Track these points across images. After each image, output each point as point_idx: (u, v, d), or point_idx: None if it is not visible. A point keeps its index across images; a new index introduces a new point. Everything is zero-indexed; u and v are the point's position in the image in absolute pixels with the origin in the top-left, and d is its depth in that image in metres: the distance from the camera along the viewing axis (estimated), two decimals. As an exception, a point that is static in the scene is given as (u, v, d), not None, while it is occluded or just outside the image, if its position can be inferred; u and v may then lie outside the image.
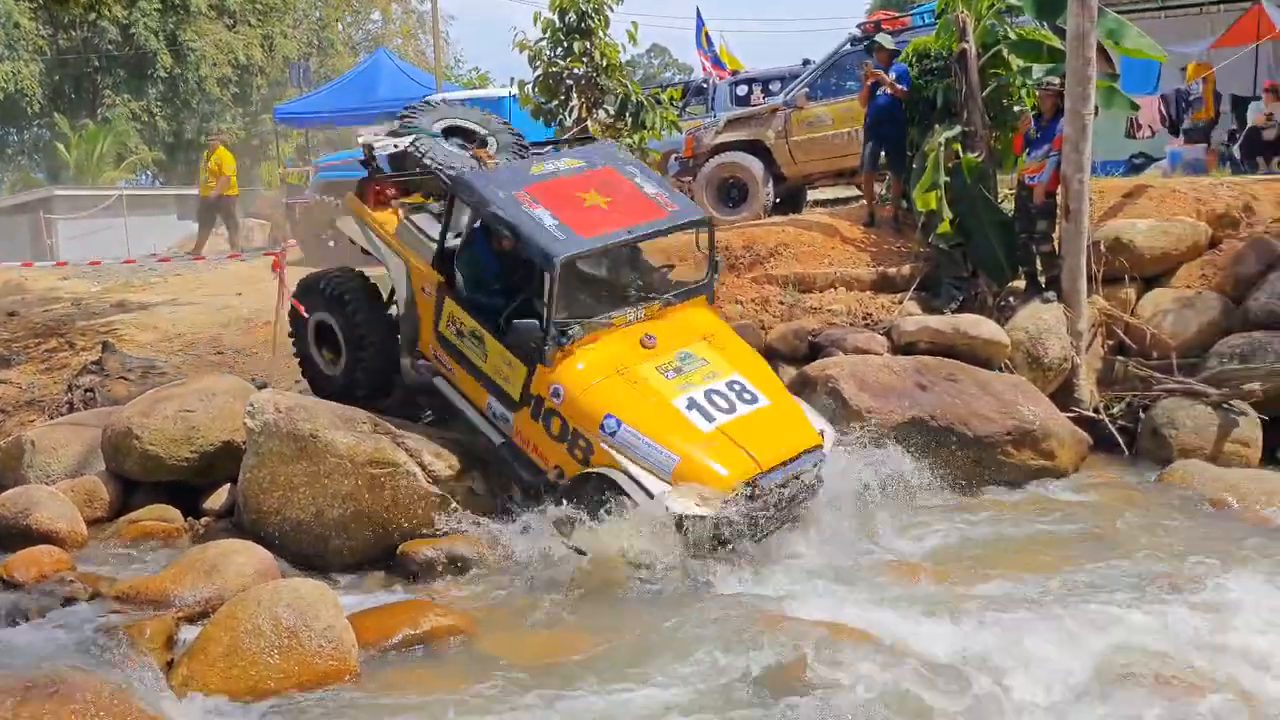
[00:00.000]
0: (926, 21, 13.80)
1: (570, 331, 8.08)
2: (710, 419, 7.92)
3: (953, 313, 11.29)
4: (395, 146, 9.45)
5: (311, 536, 8.35)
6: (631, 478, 7.63)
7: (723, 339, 8.82)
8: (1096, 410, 10.85)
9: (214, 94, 36.35)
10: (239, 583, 7.35)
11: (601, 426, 7.80)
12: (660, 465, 7.65)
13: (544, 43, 13.20)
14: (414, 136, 9.45)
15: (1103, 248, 11.64)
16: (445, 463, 8.50)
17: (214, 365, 11.36)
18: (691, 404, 7.99)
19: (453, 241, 8.96)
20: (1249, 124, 15.22)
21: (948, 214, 11.60)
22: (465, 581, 8.01)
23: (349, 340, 9.49)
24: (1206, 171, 14.44)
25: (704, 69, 21.62)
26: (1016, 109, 12.43)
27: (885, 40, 12.73)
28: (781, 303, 11.68)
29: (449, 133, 9.79)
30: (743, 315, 11.48)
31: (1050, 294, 11.22)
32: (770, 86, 17.89)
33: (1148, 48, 12.21)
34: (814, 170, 14.81)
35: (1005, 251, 11.63)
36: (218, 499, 9.16)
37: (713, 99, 19.37)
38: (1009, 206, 12.00)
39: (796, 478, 7.86)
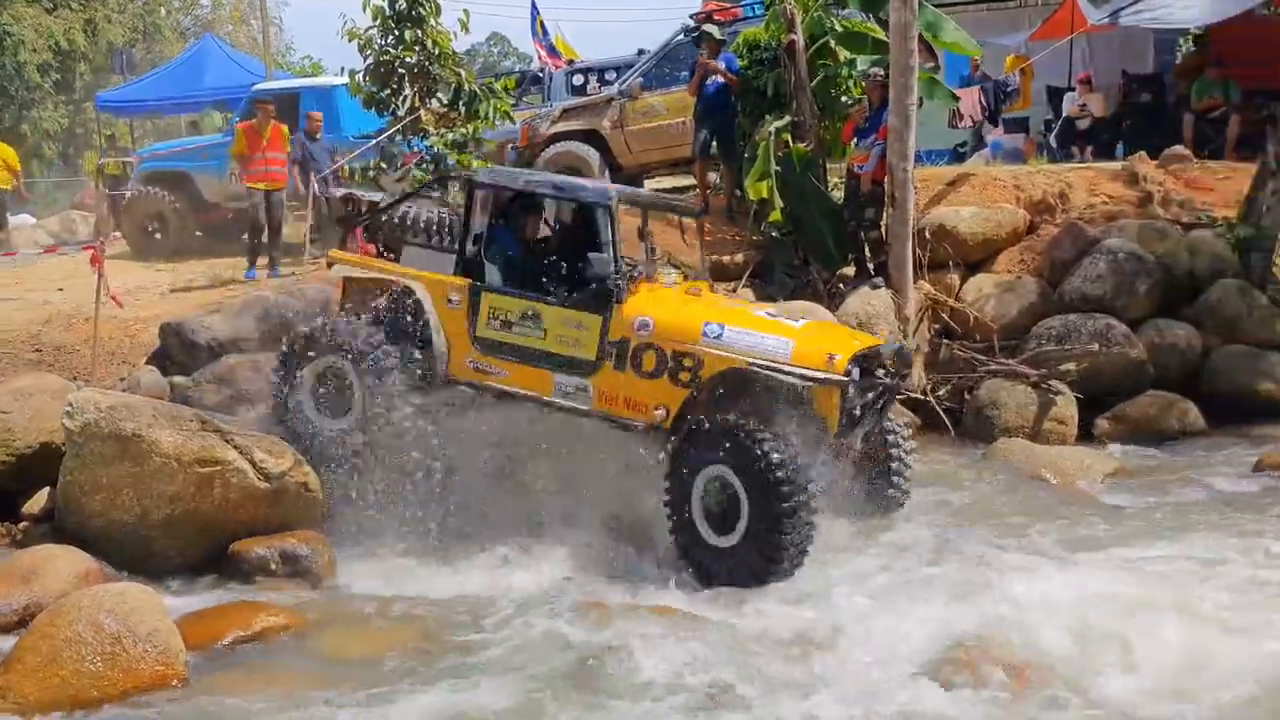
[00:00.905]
0: (757, 13, 14.05)
1: (637, 269, 8.09)
2: (795, 321, 7.99)
3: (785, 300, 11.50)
4: (362, 194, 9.50)
5: (138, 539, 8.06)
6: (760, 364, 7.42)
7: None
8: (924, 392, 11.18)
9: (34, 81, 34.83)
10: (59, 589, 7.06)
11: (704, 333, 7.56)
12: (775, 351, 7.46)
13: (374, 30, 12.98)
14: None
15: (928, 234, 12.03)
16: (277, 459, 8.32)
17: (31, 364, 10.90)
18: (770, 314, 8.07)
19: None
20: (1064, 114, 15.83)
21: (779, 203, 11.82)
22: (299, 579, 7.88)
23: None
24: (1025, 160, 15.00)
25: (540, 58, 21.56)
26: (845, 99, 12.72)
27: (713, 30, 12.90)
28: (617, 291, 11.73)
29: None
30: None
31: (879, 280, 11.52)
32: (606, 76, 17.90)
33: (964, 41, 12.64)
34: (649, 160, 14.92)
35: (835, 239, 11.92)
36: (36, 503, 8.75)
37: (549, 88, 19.31)
38: (839, 195, 12.29)
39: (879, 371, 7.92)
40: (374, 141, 13.21)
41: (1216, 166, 13.62)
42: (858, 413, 7.61)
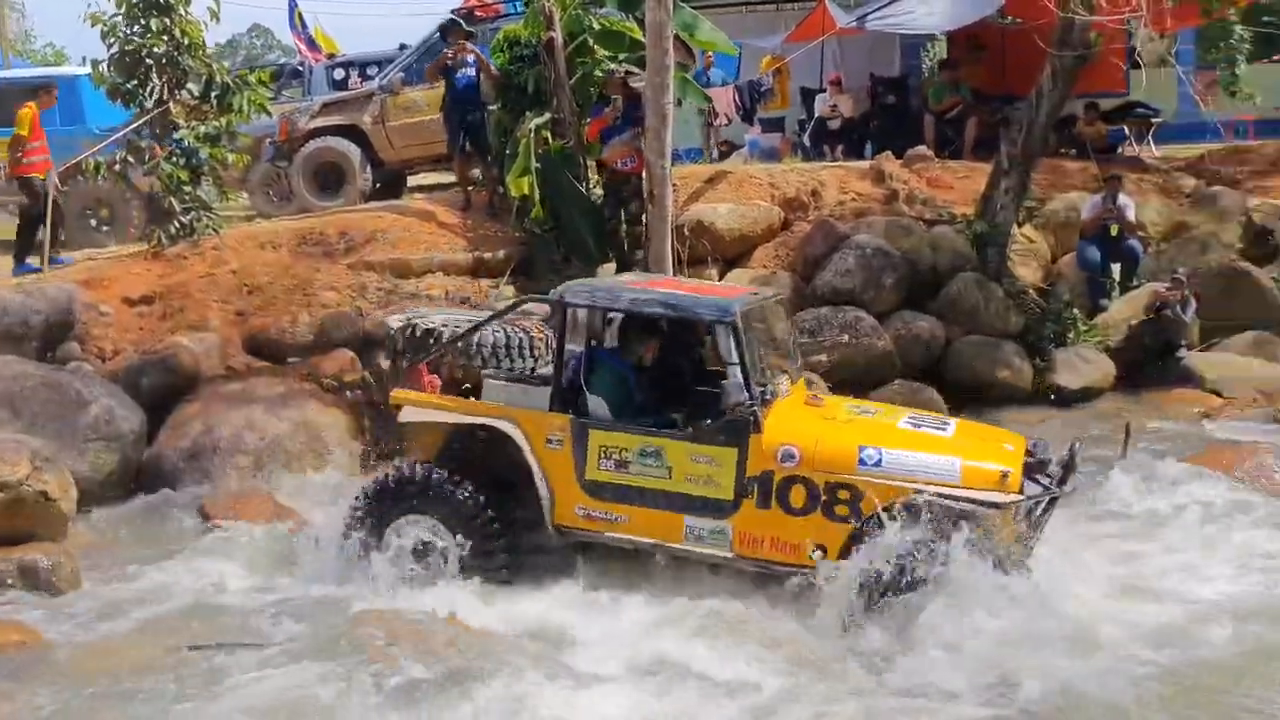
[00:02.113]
0: (518, 9, 14.06)
1: (769, 388, 7.15)
2: (942, 430, 7.30)
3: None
4: (423, 323, 8.11)
5: None
6: (935, 493, 6.64)
7: (854, 400, 8.35)
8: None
9: None
10: None
11: (861, 462, 6.78)
12: (943, 473, 6.76)
13: (119, 17, 12.42)
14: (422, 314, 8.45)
15: (687, 231, 12.28)
16: (11, 466, 7.92)
17: None
18: (914, 425, 7.29)
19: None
20: (817, 114, 16.41)
21: (540, 199, 11.86)
22: (40, 592, 7.55)
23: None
24: (780, 159, 15.47)
25: (299, 51, 21.07)
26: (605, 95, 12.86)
27: (461, 24, 12.90)
28: (379, 289, 11.60)
29: None
30: (339, 303, 11.33)
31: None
32: (368, 70, 17.64)
33: (720, 41, 12.96)
34: (412, 156, 14.79)
35: (594, 235, 12.05)
36: None
37: (309, 82, 18.92)
38: (600, 192, 12.42)
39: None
40: (119, 134, 12.66)
41: (956, 166, 14.36)
42: (1025, 528, 6.92)
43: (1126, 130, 16.08)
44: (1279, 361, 12.07)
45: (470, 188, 13.34)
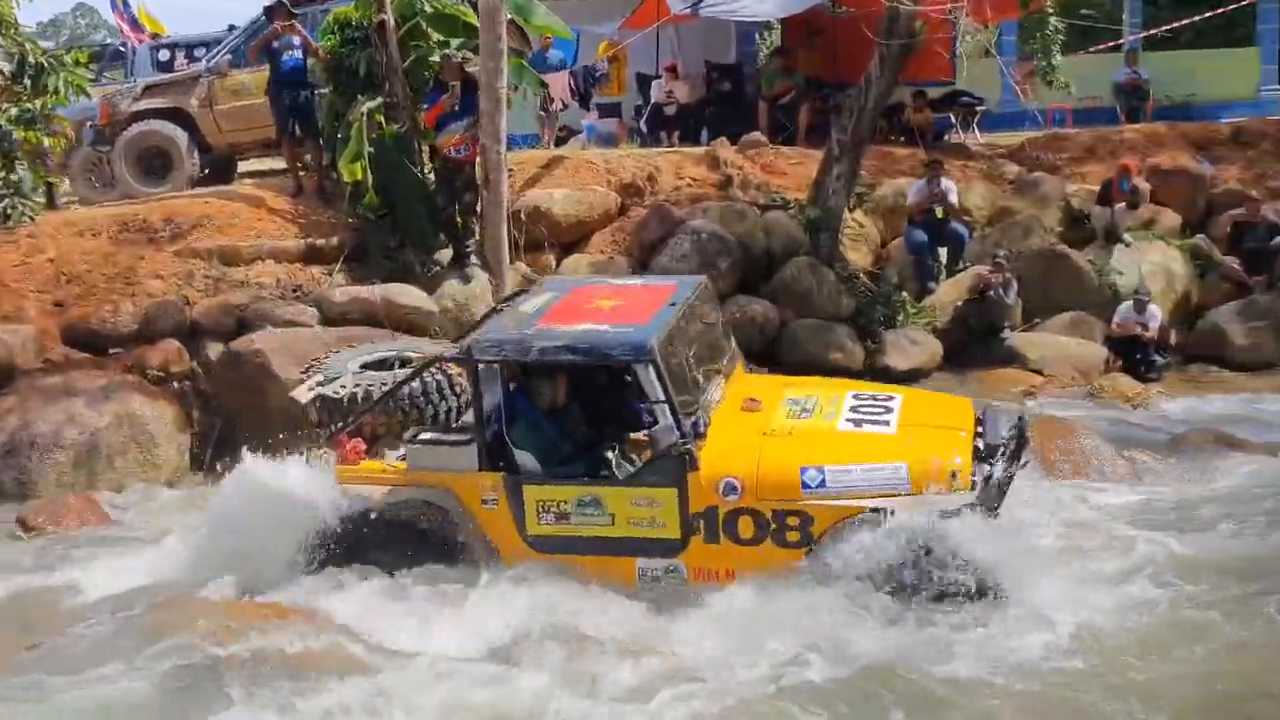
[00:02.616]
0: (350, -10, 13.77)
1: (698, 418, 6.76)
2: (885, 424, 6.98)
3: (381, 283, 11.40)
4: (334, 392, 7.96)
5: None
6: (884, 509, 6.44)
7: (792, 382, 7.93)
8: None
9: None
10: None
11: (804, 485, 6.55)
12: (892, 483, 6.53)
13: (-82, -5, 11.82)
14: (336, 379, 8.12)
15: (523, 216, 12.24)
16: None
17: None
18: (854, 423, 6.97)
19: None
20: (653, 100, 16.50)
21: (373, 184, 11.68)
22: None
23: None
24: (617, 144, 15.52)
25: (121, 31, 20.32)
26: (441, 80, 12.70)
27: (285, 4, 12.60)
28: (207, 277, 11.30)
29: (367, 367, 8.47)
30: (165, 292, 11.01)
31: (475, 262, 11.62)
32: (195, 52, 17.09)
33: (555, 26, 12.93)
34: (241, 140, 14.37)
35: (430, 222, 11.91)
36: None
37: (132, 64, 18.25)
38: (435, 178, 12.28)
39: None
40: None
41: (789, 152, 14.59)
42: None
43: (953, 118, 16.55)
44: (1095, 340, 12.58)
45: (301, 173, 13.07)
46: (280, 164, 14.58)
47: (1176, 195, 14.31)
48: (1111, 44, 18.41)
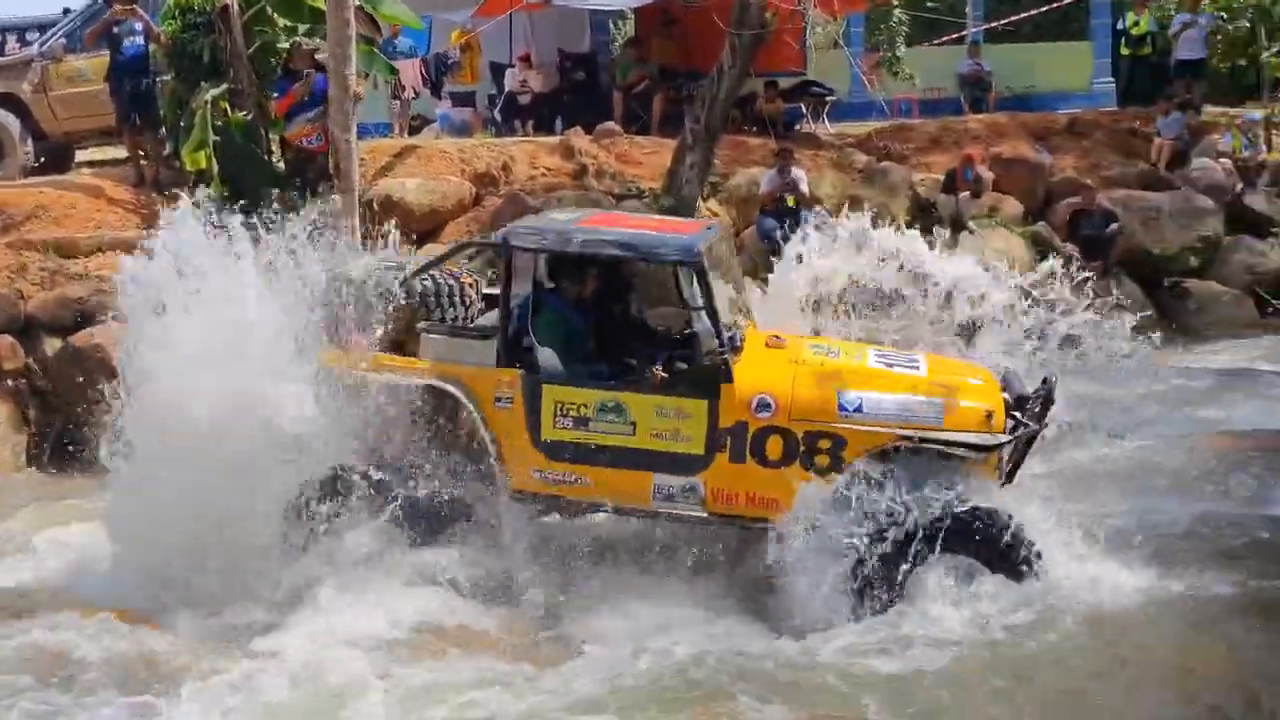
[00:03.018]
0: (192, -27, 13.36)
1: (734, 332, 6.59)
2: (915, 369, 6.80)
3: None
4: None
5: None
6: (928, 440, 6.33)
7: (806, 337, 7.77)
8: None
9: None
10: None
11: (841, 408, 6.39)
12: (927, 416, 6.39)
13: None
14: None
15: (375, 206, 12.04)
16: None
17: None
18: (885, 365, 6.80)
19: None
20: (507, 89, 16.40)
21: (218, 172, 11.37)
22: None
23: None
24: (471, 133, 15.39)
25: (-53, 13, 19.45)
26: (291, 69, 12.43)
27: None
28: (43, 270, 10.87)
29: None
30: (-3, 285, 10.57)
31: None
32: (27, 36, 16.42)
33: (403, 14, 12.74)
34: (78, 128, 13.89)
35: (282, 213, 11.62)
36: None
37: (-40, 47, 17.46)
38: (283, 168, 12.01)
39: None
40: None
41: (644, 141, 14.64)
42: (1007, 466, 6.72)
43: (804, 108, 16.81)
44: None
45: (143, 161, 12.67)
46: (121, 152, 14.11)
47: (1018, 184, 14.75)
48: (955, 36, 18.94)
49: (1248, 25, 18.03)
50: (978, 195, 13.98)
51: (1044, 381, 6.85)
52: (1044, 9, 18.56)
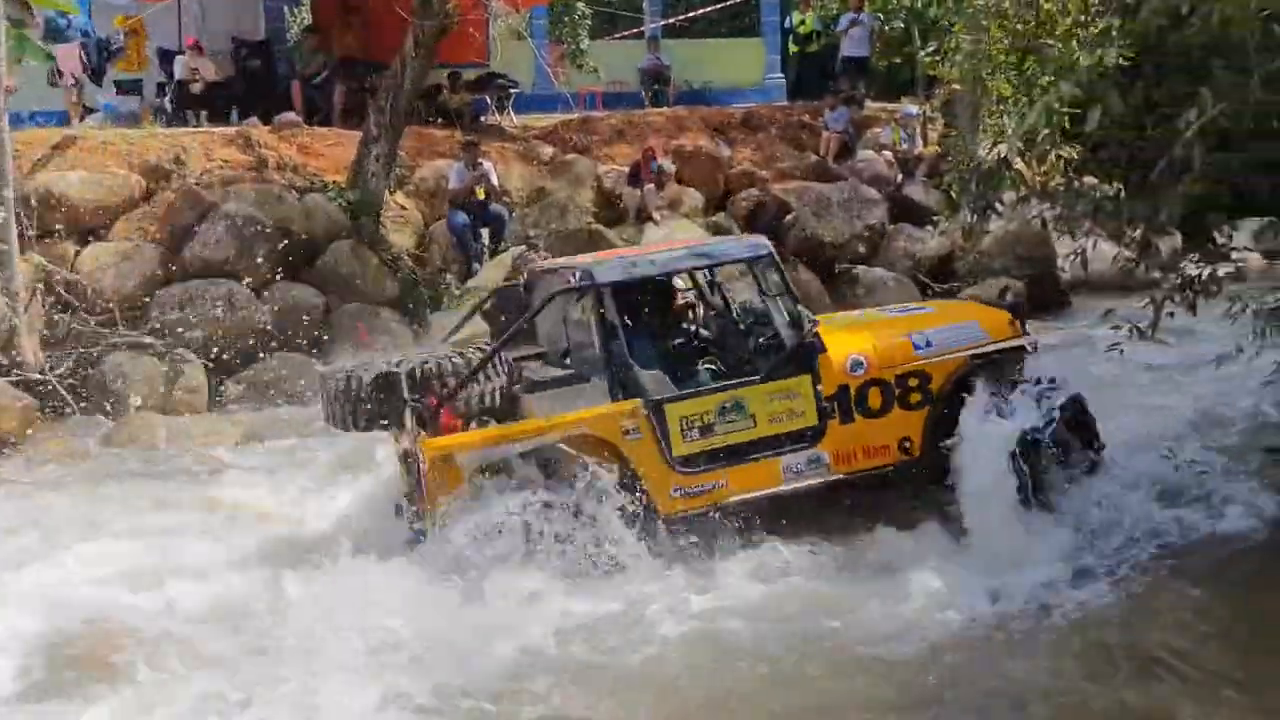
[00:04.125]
0: None
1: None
2: (925, 309, 8.18)
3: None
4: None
5: None
6: (981, 353, 7.19)
7: None
8: (43, 371, 10.50)
9: None
10: None
11: (915, 347, 7.15)
12: (977, 336, 7.31)
13: None
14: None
15: (34, 202, 11.26)
16: None
17: None
18: (908, 311, 8.08)
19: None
20: (177, 77, 15.58)
21: None
22: None
23: None
24: (140, 123, 14.56)
25: None
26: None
27: None
28: None
29: None
30: None
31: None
32: None
33: (57, -2, 11.94)
34: None
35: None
36: None
37: None
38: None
39: None
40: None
41: (326, 133, 14.26)
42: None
43: (489, 100, 16.76)
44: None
45: None
46: None
47: (699, 176, 15.22)
48: (636, 31, 19.32)
49: (903, 26, 19.17)
50: (661, 187, 14.34)
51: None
52: (717, 6, 19.20)
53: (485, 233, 13.51)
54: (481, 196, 13.33)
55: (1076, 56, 6.30)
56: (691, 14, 20.08)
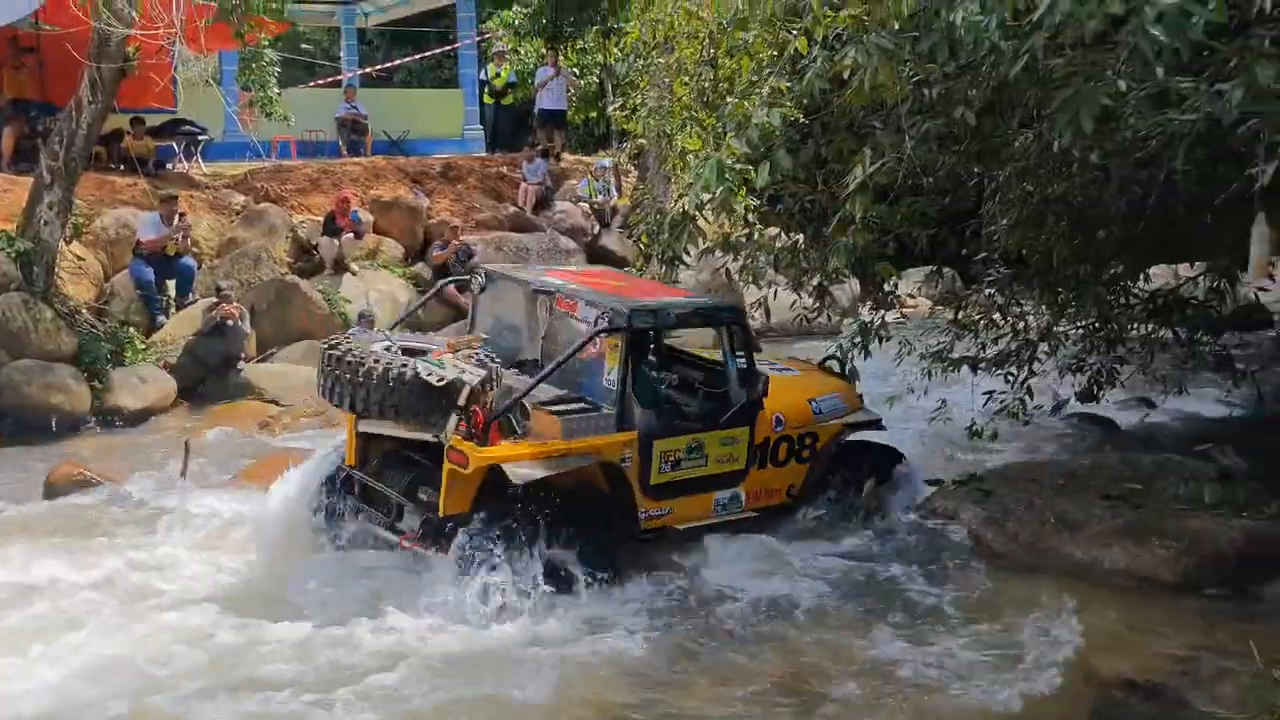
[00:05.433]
0: None
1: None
2: (790, 370, 9.01)
3: None
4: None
5: None
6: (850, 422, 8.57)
7: None
8: None
9: None
10: None
11: (816, 412, 8.37)
12: (844, 407, 8.56)
13: None
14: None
15: None
16: None
17: None
18: (779, 371, 8.75)
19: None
20: None
21: None
22: None
23: None
24: None
25: None
26: None
27: None
28: None
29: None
30: None
31: None
32: None
33: None
34: None
35: None
36: None
37: None
38: None
39: None
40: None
41: (-6, 179, 13.40)
42: None
43: (176, 146, 16.17)
44: (329, 368, 12.90)
45: None
46: None
47: (397, 225, 15.15)
48: (332, 79, 19.06)
49: (597, 80, 19.69)
50: (359, 237, 14.16)
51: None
52: (414, 57, 19.20)
53: (171, 284, 12.99)
54: (172, 252, 12.83)
55: (749, 114, 6.63)
56: (390, 64, 19.97)
